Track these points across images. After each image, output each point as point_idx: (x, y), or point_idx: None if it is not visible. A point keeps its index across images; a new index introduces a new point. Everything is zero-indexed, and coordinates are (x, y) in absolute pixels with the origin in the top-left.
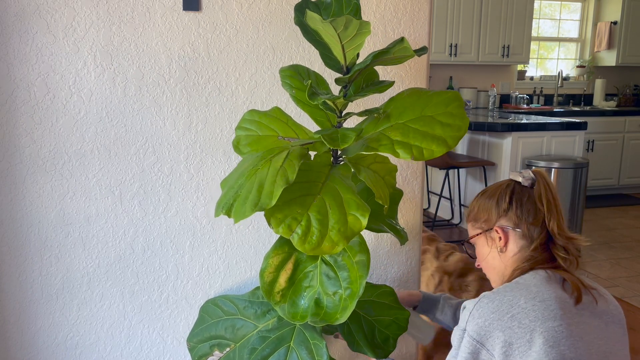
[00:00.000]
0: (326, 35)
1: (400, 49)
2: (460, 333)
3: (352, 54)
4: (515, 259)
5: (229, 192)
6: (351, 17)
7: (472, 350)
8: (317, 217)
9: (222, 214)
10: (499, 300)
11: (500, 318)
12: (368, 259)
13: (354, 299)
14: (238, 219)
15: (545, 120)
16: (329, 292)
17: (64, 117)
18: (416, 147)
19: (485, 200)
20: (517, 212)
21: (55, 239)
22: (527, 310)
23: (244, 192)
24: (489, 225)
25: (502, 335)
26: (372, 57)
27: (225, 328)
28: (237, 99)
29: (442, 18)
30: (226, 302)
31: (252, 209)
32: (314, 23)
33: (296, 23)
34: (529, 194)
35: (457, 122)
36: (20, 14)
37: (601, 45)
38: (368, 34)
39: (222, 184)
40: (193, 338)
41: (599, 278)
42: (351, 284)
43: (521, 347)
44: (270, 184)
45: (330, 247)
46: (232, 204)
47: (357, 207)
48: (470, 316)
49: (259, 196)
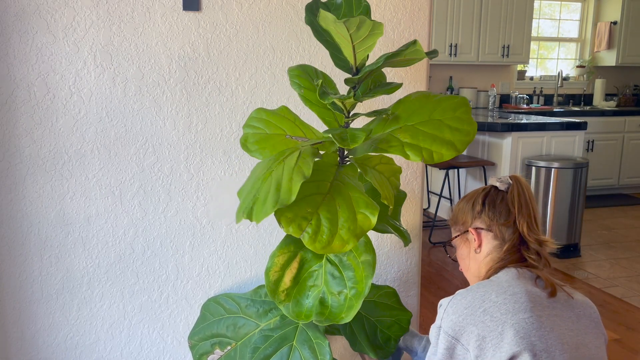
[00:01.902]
0: (337, 36)
1: (413, 52)
2: (437, 330)
3: (362, 55)
4: (489, 259)
5: (247, 197)
6: (365, 17)
7: (448, 346)
8: (326, 215)
9: (243, 218)
10: (472, 296)
11: (473, 313)
12: (374, 258)
13: (360, 299)
14: (260, 219)
15: (545, 120)
16: (334, 292)
17: (64, 117)
18: (426, 150)
19: (464, 204)
20: (490, 213)
21: (55, 239)
22: (498, 304)
23: (262, 194)
24: (465, 227)
25: (475, 329)
26: (384, 59)
27: (227, 326)
28: (237, 99)
29: (442, 18)
30: (228, 300)
31: (273, 207)
32: (326, 23)
33: (307, 23)
34: (503, 197)
35: (466, 126)
36: (20, 14)
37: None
38: (380, 35)
39: (239, 193)
40: (194, 336)
41: (599, 278)
42: (357, 284)
43: (493, 340)
44: (287, 181)
45: (340, 246)
46: (252, 207)
47: (366, 206)
48: (445, 313)
49: (278, 194)
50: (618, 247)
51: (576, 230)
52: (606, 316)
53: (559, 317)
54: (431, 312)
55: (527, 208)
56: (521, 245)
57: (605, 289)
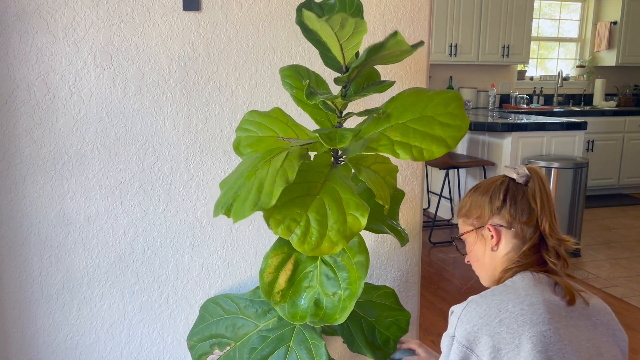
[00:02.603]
0: (324, 35)
1: (395, 43)
2: (449, 339)
3: (350, 53)
4: (506, 258)
5: (228, 192)
6: (347, 15)
7: (462, 356)
8: (316, 217)
9: (221, 213)
10: (487, 305)
11: (488, 323)
12: (367, 259)
13: (353, 300)
14: (237, 219)
15: (545, 120)
16: (329, 293)
17: (64, 117)
18: (416, 148)
19: (479, 197)
20: (511, 210)
21: (55, 239)
22: (515, 315)
23: (244, 193)
24: (481, 222)
25: (490, 340)
26: (366, 53)
27: (226, 327)
28: (237, 99)
29: (442, 18)
30: (227, 301)
31: (251, 209)
32: (311, 22)
33: (297, 23)
34: (524, 192)
35: (457, 122)
36: (20, 14)
37: (601, 45)
38: (364, 33)
39: (221, 184)
40: (193, 337)
41: (599, 278)
42: (350, 285)
43: (510, 353)
44: (270, 184)
45: (329, 248)
46: (231, 204)
47: (356, 207)
48: (459, 321)
49: (258, 195)
50: (618, 247)
51: (576, 230)
52: None
53: (576, 327)
54: (431, 312)
55: (549, 205)
56: (541, 246)
57: (605, 289)
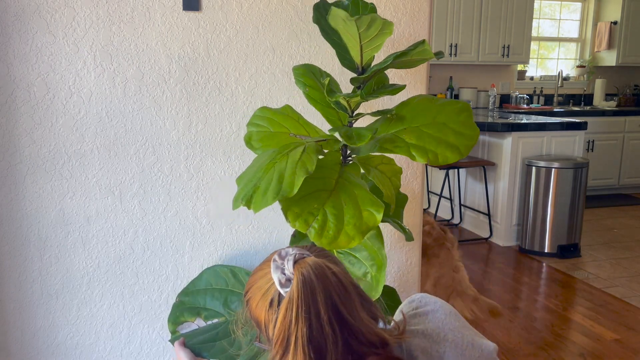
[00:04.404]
0: (345, 35)
1: (421, 52)
2: None
3: (369, 55)
4: None
5: (247, 185)
6: (377, 15)
7: None
8: (332, 212)
9: (241, 205)
10: None
11: None
12: (378, 230)
13: (383, 270)
14: (258, 209)
15: (545, 120)
16: (359, 276)
17: (64, 117)
18: (432, 152)
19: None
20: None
21: (55, 239)
22: None
23: (264, 184)
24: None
25: None
26: (393, 59)
27: (224, 300)
28: (237, 99)
29: (442, 18)
30: (238, 272)
31: (273, 198)
32: (335, 21)
33: (314, 21)
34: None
35: (469, 131)
36: (20, 14)
37: (601, 45)
38: (389, 35)
39: (238, 180)
40: (185, 296)
41: (599, 278)
42: (374, 259)
43: None
44: (290, 175)
45: (346, 242)
46: (251, 195)
47: (371, 203)
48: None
49: (279, 185)
50: (618, 247)
51: (576, 230)
52: (606, 316)
53: None
54: None
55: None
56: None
57: (605, 289)
